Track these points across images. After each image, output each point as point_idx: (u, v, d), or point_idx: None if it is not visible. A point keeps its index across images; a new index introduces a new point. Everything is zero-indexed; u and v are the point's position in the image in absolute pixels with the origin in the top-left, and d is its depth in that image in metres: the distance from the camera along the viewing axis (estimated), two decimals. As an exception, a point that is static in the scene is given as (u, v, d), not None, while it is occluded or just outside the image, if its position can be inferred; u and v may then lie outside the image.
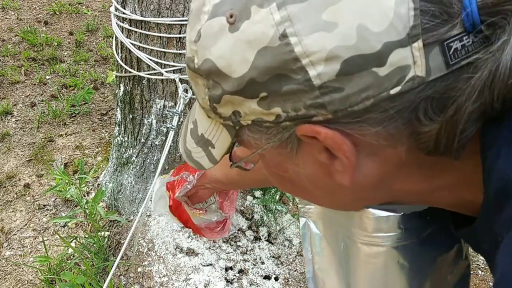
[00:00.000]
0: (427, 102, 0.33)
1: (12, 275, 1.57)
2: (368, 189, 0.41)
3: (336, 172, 0.38)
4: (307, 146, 0.38)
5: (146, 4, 1.38)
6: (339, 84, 0.33)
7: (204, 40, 0.38)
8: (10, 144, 2.17)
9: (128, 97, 1.58)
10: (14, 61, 2.87)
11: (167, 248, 1.51)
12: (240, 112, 0.38)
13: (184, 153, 0.52)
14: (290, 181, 0.44)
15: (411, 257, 0.59)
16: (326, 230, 0.68)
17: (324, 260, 0.68)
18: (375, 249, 0.59)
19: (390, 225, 0.58)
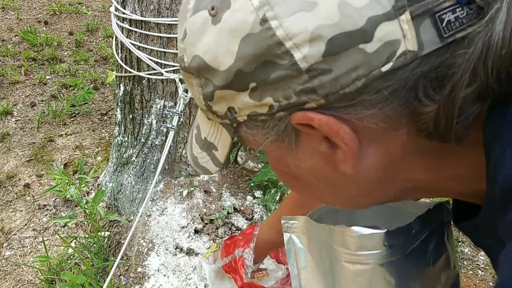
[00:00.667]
0: (425, 80, 0.32)
1: (12, 275, 1.57)
2: (372, 181, 0.39)
3: (339, 161, 0.37)
4: (306, 137, 0.37)
5: (146, 4, 1.38)
6: (327, 66, 0.32)
7: (190, 37, 0.37)
8: (10, 144, 2.17)
9: (128, 97, 1.58)
10: (14, 61, 2.87)
11: (167, 248, 1.51)
12: (234, 108, 0.38)
13: (191, 160, 0.52)
14: (295, 177, 0.43)
15: (397, 273, 0.58)
16: (310, 245, 0.67)
17: (310, 276, 0.68)
18: (359, 267, 0.58)
19: (374, 243, 0.57)
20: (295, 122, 0.35)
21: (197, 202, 1.62)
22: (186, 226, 1.56)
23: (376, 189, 0.42)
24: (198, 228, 1.56)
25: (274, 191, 1.61)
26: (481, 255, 1.79)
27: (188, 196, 1.63)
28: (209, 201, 1.63)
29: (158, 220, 1.58)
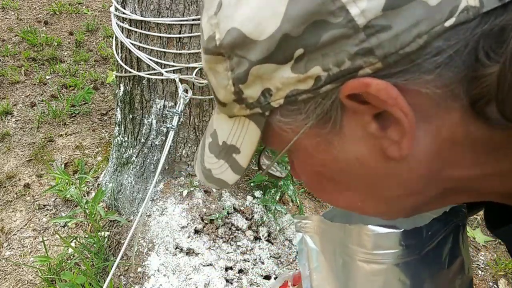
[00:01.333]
0: (486, 40, 0.29)
1: (12, 275, 1.57)
2: (417, 176, 0.35)
3: (390, 146, 0.33)
4: (352, 117, 0.33)
5: (146, 4, 1.38)
6: (386, 21, 0.29)
7: (226, 9, 0.34)
8: (10, 144, 2.17)
9: (128, 97, 1.58)
10: (14, 61, 2.87)
11: (167, 248, 1.51)
12: (270, 90, 0.34)
13: (202, 176, 0.47)
14: (329, 178, 0.39)
15: (412, 274, 0.58)
16: (323, 245, 0.66)
17: (322, 277, 0.67)
18: (375, 267, 0.58)
19: (390, 242, 0.56)
20: (345, 94, 0.31)
21: (197, 202, 1.62)
22: (186, 226, 1.56)
23: (418, 189, 0.38)
24: (198, 228, 1.56)
25: (274, 191, 1.61)
26: (481, 255, 1.79)
27: (188, 196, 1.63)
28: (209, 201, 1.63)
29: (158, 220, 1.58)
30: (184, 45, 1.42)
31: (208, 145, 0.45)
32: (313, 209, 1.94)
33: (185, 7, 1.36)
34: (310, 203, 1.96)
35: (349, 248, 0.59)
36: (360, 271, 0.59)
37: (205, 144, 0.46)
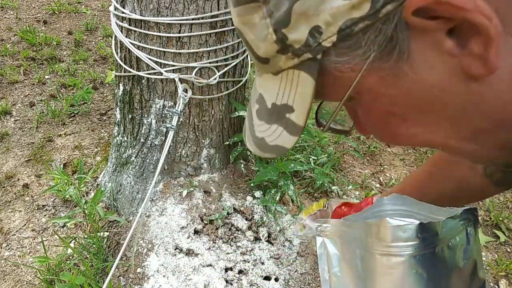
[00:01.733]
0: None
1: (11, 276, 1.56)
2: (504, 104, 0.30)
3: (473, 62, 0.28)
4: (422, 39, 0.28)
5: (145, 4, 1.37)
6: None
7: None
8: (9, 144, 2.16)
9: (128, 96, 1.57)
10: (13, 61, 2.86)
11: (166, 248, 1.50)
12: (319, 27, 0.29)
13: (256, 148, 0.42)
14: (403, 118, 0.34)
15: (429, 267, 0.59)
16: (343, 247, 0.67)
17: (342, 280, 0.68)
18: (393, 260, 0.59)
19: (408, 234, 0.57)
20: (411, 10, 0.27)
21: (196, 202, 1.61)
22: (186, 227, 1.55)
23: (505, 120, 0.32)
24: (197, 228, 1.56)
25: (274, 191, 1.60)
26: (482, 255, 1.79)
27: (187, 196, 1.62)
28: (208, 202, 1.62)
29: (157, 221, 1.57)
30: (183, 45, 1.41)
31: (255, 113, 0.40)
32: (313, 209, 1.93)
33: (184, 6, 1.36)
34: (310, 204, 1.96)
35: (368, 243, 0.60)
36: (379, 265, 0.60)
37: (252, 113, 0.41)
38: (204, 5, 1.37)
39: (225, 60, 1.49)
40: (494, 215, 1.99)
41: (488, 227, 1.97)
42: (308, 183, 2.07)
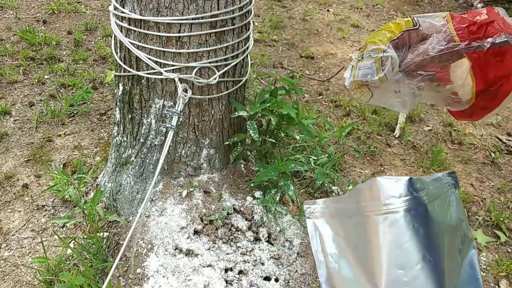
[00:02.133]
0: None
1: (11, 276, 1.56)
2: None
3: None
4: None
5: (145, 3, 1.36)
6: None
7: None
8: (8, 144, 2.16)
9: (127, 96, 1.57)
10: (13, 61, 2.86)
11: (166, 249, 1.50)
12: None
13: None
14: None
15: (424, 223, 0.61)
16: (335, 223, 0.69)
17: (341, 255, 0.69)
18: (390, 217, 0.61)
19: (400, 189, 0.60)
20: None
21: (196, 202, 1.61)
22: (186, 227, 1.55)
23: None
24: (197, 228, 1.55)
25: (274, 192, 1.60)
26: (482, 256, 1.78)
27: (187, 196, 1.62)
28: (208, 202, 1.62)
29: (157, 221, 1.56)
30: (183, 44, 1.41)
31: None
32: (314, 210, 1.93)
33: (184, 6, 1.35)
34: (310, 204, 1.96)
35: (363, 208, 0.62)
36: (376, 228, 0.62)
37: None
38: (204, 5, 1.36)
39: (225, 60, 1.49)
40: (494, 215, 1.98)
41: (489, 227, 1.97)
42: (308, 183, 2.06)
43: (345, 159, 2.34)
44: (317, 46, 3.62)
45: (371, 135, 2.55)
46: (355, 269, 0.67)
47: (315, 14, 4.23)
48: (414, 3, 4.86)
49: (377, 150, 2.43)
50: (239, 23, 1.47)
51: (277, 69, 3.18)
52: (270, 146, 1.75)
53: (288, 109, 1.56)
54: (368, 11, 4.46)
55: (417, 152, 2.47)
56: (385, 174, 2.28)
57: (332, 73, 3.21)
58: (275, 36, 3.66)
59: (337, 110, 2.77)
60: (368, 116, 2.70)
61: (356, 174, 2.25)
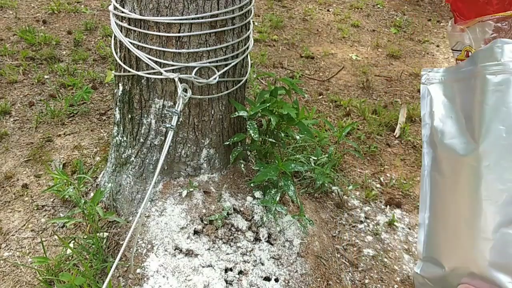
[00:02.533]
0: None
1: (11, 276, 1.56)
2: None
3: None
4: None
5: (145, 3, 1.36)
6: None
7: None
8: (8, 144, 2.16)
9: (127, 96, 1.57)
10: (12, 61, 2.85)
11: (166, 249, 1.50)
12: None
13: None
14: None
15: None
16: (447, 86, 0.74)
17: (446, 115, 0.74)
18: (502, 77, 0.64)
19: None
20: None
21: (196, 202, 1.61)
22: (186, 227, 1.55)
23: None
24: (197, 229, 1.55)
25: (274, 192, 1.59)
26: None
27: (187, 196, 1.61)
28: (208, 202, 1.62)
29: (157, 221, 1.56)
30: (183, 44, 1.40)
31: None
32: (314, 210, 1.93)
33: (184, 6, 1.35)
34: (310, 204, 1.95)
35: (478, 69, 0.65)
36: (486, 86, 0.65)
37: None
38: (204, 5, 1.36)
39: (225, 60, 1.49)
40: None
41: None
42: (308, 183, 2.06)
43: (345, 159, 2.33)
44: (317, 46, 3.62)
45: (371, 135, 2.55)
46: (458, 125, 0.73)
47: (315, 14, 4.23)
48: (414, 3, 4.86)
49: (377, 150, 2.42)
50: (239, 23, 1.47)
51: (277, 69, 3.18)
52: (270, 146, 1.75)
53: (288, 109, 1.56)
54: (368, 11, 4.45)
55: (417, 152, 2.47)
56: (385, 174, 2.28)
57: (332, 73, 3.21)
58: (275, 36, 3.66)
59: (337, 110, 2.77)
60: (368, 116, 2.70)
61: (356, 174, 2.25)
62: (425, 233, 0.76)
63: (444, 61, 3.64)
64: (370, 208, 2.04)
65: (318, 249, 1.68)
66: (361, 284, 1.67)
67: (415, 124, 2.73)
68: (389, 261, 1.79)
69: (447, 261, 0.72)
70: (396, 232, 1.93)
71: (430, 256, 0.77)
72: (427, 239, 0.76)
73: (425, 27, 4.24)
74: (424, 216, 0.77)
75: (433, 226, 0.75)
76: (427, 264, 0.78)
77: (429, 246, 0.76)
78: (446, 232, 0.73)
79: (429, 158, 0.77)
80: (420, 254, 0.78)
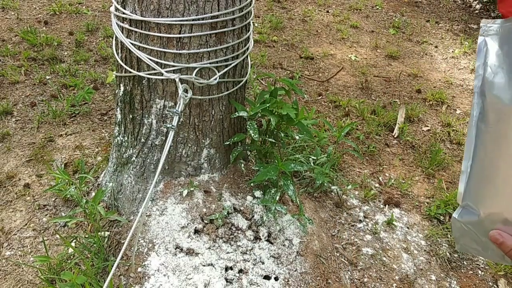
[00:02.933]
0: None
1: (12, 275, 1.57)
2: None
3: None
4: None
5: (146, 4, 1.38)
6: None
7: None
8: (10, 144, 2.17)
9: (128, 97, 1.58)
10: (14, 61, 2.87)
11: (167, 248, 1.51)
12: None
13: None
14: None
15: None
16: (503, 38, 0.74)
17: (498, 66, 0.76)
18: None
19: None
20: None
21: (197, 202, 1.62)
22: (186, 226, 1.56)
23: None
24: (198, 228, 1.57)
25: (274, 191, 1.61)
26: (481, 254, 1.80)
27: (188, 196, 1.63)
28: (209, 201, 1.63)
29: (158, 220, 1.58)
30: (184, 45, 1.42)
31: None
32: (313, 209, 1.94)
33: (185, 7, 1.37)
34: (310, 203, 1.97)
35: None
36: None
37: None
38: (205, 6, 1.38)
39: (225, 61, 1.50)
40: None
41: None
42: (307, 183, 2.08)
43: (344, 159, 2.35)
44: (317, 47, 3.63)
45: (370, 135, 2.56)
46: (508, 75, 0.74)
47: (315, 15, 4.24)
48: (413, 4, 4.88)
49: (376, 150, 2.44)
50: (239, 24, 1.49)
51: (277, 70, 3.19)
52: (270, 146, 1.77)
53: (288, 110, 1.57)
54: (367, 12, 4.47)
55: (415, 152, 2.49)
56: (384, 174, 2.29)
57: (332, 73, 3.23)
58: (275, 37, 3.68)
59: (336, 110, 2.78)
60: (367, 116, 2.72)
61: (355, 173, 2.27)
62: (466, 180, 0.79)
63: (443, 61, 3.65)
64: (369, 207, 2.05)
65: (318, 248, 1.70)
66: (360, 283, 1.69)
67: (414, 124, 2.74)
68: (387, 260, 1.80)
69: (484, 207, 0.76)
70: (394, 231, 1.94)
71: (468, 203, 0.79)
72: (467, 186, 0.79)
73: (423, 28, 4.25)
74: (467, 165, 0.79)
75: (474, 173, 0.78)
76: (466, 210, 0.79)
77: (468, 192, 0.79)
78: (486, 180, 0.76)
79: (478, 109, 0.78)
80: (460, 200, 0.81)
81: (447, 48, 3.90)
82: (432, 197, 2.16)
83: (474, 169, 0.79)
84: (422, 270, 1.78)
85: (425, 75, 3.39)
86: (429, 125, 2.76)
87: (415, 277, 1.75)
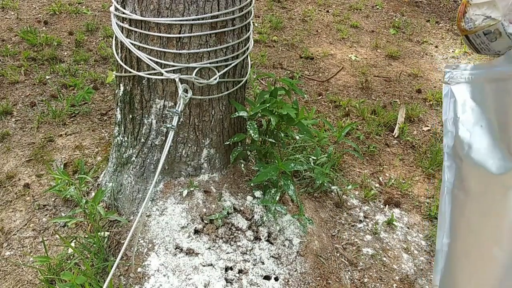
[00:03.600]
0: None
1: (12, 275, 1.57)
2: None
3: None
4: None
5: (146, 4, 1.38)
6: None
7: None
8: (10, 144, 2.17)
9: (128, 97, 1.58)
10: (14, 61, 2.87)
11: (167, 248, 1.51)
12: None
13: None
14: None
15: None
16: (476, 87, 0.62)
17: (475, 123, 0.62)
18: None
19: None
20: None
21: (197, 202, 1.62)
22: (186, 226, 1.56)
23: None
24: (198, 228, 1.56)
25: (274, 191, 1.61)
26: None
27: (188, 196, 1.63)
28: (209, 201, 1.63)
29: (158, 220, 1.58)
30: (184, 45, 1.42)
31: None
32: (313, 209, 1.94)
33: (185, 7, 1.37)
34: (310, 203, 1.97)
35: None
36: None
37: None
38: (204, 6, 1.38)
39: (225, 61, 1.50)
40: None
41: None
42: (308, 183, 2.07)
43: (345, 159, 2.35)
44: (317, 46, 3.63)
45: (370, 135, 2.56)
46: (490, 136, 0.60)
47: (315, 15, 4.24)
48: (413, 4, 4.87)
49: (376, 150, 2.44)
50: (239, 24, 1.49)
51: (277, 70, 3.19)
52: (270, 146, 1.76)
53: (288, 110, 1.57)
54: (367, 12, 4.47)
55: (416, 152, 2.48)
56: (384, 174, 2.29)
57: (332, 73, 3.23)
58: (275, 37, 3.67)
59: (337, 110, 2.78)
60: (367, 116, 2.72)
61: (355, 173, 2.27)
62: (442, 263, 0.64)
63: (443, 61, 3.65)
64: (369, 207, 2.05)
65: (318, 248, 1.70)
66: (360, 283, 1.68)
67: (414, 124, 2.74)
68: (388, 260, 1.80)
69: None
70: (395, 232, 1.94)
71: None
72: (445, 270, 0.64)
73: (423, 28, 4.25)
74: (442, 242, 0.64)
75: (453, 255, 0.63)
76: None
77: (446, 278, 0.64)
78: (469, 263, 0.60)
79: (451, 173, 0.64)
80: (436, 287, 0.68)
81: (448, 48, 3.90)
82: (432, 197, 2.16)
83: (452, 249, 0.63)
84: (422, 270, 1.78)
85: (425, 75, 3.39)
86: (429, 125, 2.76)
87: (416, 277, 1.74)
